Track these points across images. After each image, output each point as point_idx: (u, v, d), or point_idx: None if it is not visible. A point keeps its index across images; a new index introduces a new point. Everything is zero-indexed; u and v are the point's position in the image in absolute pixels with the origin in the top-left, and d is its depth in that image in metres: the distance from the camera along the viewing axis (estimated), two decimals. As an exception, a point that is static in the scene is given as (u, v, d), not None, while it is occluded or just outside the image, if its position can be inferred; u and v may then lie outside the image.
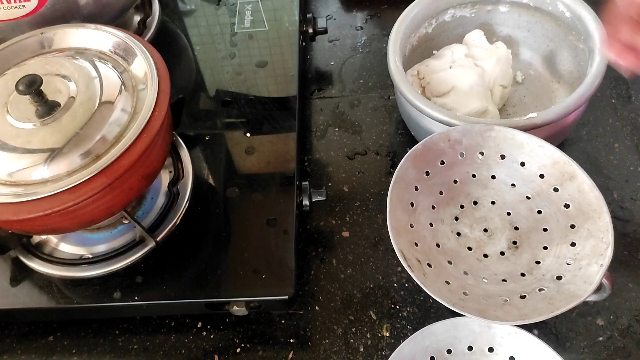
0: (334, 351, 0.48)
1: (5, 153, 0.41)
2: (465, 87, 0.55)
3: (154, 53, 0.47)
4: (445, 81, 0.56)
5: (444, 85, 0.56)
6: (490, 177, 0.50)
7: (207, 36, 0.67)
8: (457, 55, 0.58)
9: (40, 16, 0.54)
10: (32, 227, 0.44)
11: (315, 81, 0.68)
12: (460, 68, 0.56)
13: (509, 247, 0.48)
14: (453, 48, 0.59)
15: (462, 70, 0.56)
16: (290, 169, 0.54)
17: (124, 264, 0.48)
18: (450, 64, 0.57)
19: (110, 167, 0.40)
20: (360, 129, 0.63)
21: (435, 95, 0.56)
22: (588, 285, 0.40)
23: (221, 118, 0.59)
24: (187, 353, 0.49)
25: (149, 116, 0.42)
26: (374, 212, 0.56)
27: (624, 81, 0.63)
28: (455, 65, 0.57)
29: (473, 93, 0.55)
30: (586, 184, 0.45)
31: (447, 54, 0.58)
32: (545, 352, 0.42)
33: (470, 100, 0.55)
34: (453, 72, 0.56)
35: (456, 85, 0.55)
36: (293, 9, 0.67)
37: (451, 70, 0.56)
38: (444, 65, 0.57)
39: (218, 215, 0.52)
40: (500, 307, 0.42)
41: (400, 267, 0.52)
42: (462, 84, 0.55)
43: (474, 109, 0.54)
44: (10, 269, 0.50)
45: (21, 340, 0.51)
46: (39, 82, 0.42)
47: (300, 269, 0.53)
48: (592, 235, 0.43)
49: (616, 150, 0.58)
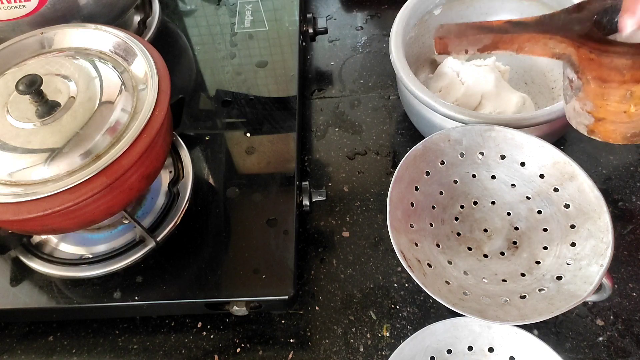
0: (334, 351, 0.48)
1: (5, 153, 0.41)
2: (492, 88, 0.54)
3: (154, 53, 0.47)
4: (471, 94, 0.55)
5: (473, 99, 0.55)
6: (490, 177, 0.50)
7: (207, 36, 0.67)
8: (457, 67, 0.57)
9: (41, 16, 0.54)
10: (32, 227, 0.44)
11: (315, 81, 0.68)
12: (472, 76, 0.55)
13: (509, 247, 0.48)
14: (448, 63, 0.58)
15: (475, 75, 0.55)
16: (290, 169, 0.54)
17: (124, 264, 0.48)
18: (458, 76, 0.57)
19: (110, 167, 0.40)
20: (361, 129, 0.63)
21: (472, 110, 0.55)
22: (588, 286, 0.40)
23: (221, 118, 0.59)
24: (187, 353, 0.49)
25: (149, 116, 0.42)
26: (374, 212, 0.56)
27: (624, 81, 0.63)
28: (465, 75, 0.56)
29: (504, 89, 0.54)
30: (586, 184, 0.45)
31: (447, 71, 0.58)
32: (545, 352, 0.42)
33: (508, 98, 0.54)
34: (469, 82, 0.55)
35: (484, 92, 0.55)
36: (293, 9, 0.67)
37: (466, 81, 0.56)
38: (455, 81, 0.56)
39: (218, 215, 0.52)
40: (500, 307, 0.42)
41: (400, 267, 0.52)
42: (487, 87, 0.54)
43: (517, 103, 0.53)
44: (10, 269, 0.50)
45: (21, 340, 0.51)
46: (39, 82, 0.42)
47: (300, 269, 0.53)
48: (592, 235, 0.43)
49: (616, 150, 0.58)
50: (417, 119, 0.57)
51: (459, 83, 0.56)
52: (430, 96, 0.50)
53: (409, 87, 0.51)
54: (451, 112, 0.49)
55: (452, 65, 0.58)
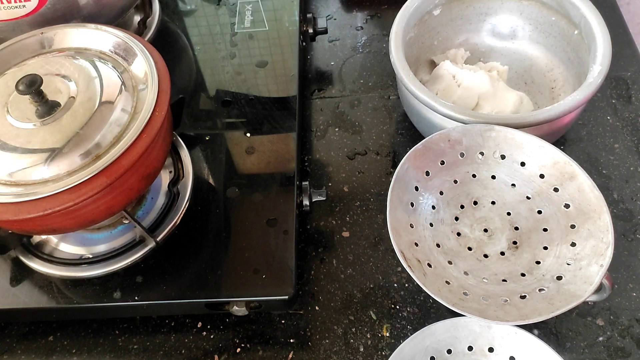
0: (334, 351, 0.48)
1: (5, 153, 0.41)
2: (489, 88, 0.54)
3: (154, 53, 0.47)
4: (468, 96, 0.55)
5: (470, 100, 0.55)
6: (491, 177, 0.50)
7: (207, 36, 0.67)
8: (453, 70, 0.57)
9: (41, 16, 0.54)
10: (32, 227, 0.44)
11: (315, 81, 0.68)
12: (467, 78, 0.55)
13: (509, 247, 0.48)
14: (445, 66, 0.58)
15: (471, 77, 0.55)
16: (290, 169, 0.54)
17: (124, 264, 0.48)
18: (454, 79, 0.57)
19: (110, 167, 0.40)
20: (361, 129, 0.63)
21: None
22: (588, 286, 0.40)
23: (221, 118, 0.59)
24: (187, 353, 0.49)
25: (149, 116, 0.42)
26: (374, 212, 0.56)
27: (624, 81, 0.63)
28: (461, 77, 0.56)
29: (501, 89, 0.55)
30: (586, 184, 0.45)
31: (443, 73, 0.58)
32: (545, 352, 0.42)
33: (505, 97, 0.54)
34: (465, 83, 0.55)
35: (480, 92, 0.55)
36: (293, 9, 0.67)
37: (462, 83, 0.56)
38: (451, 84, 0.57)
39: (218, 215, 0.52)
40: (500, 307, 0.42)
41: (400, 267, 0.52)
42: (483, 88, 0.55)
43: (515, 102, 0.54)
44: (10, 269, 0.50)
45: (21, 340, 0.51)
46: (39, 82, 0.42)
47: (300, 269, 0.53)
48: (592, 235, 0.43)
49: (616, 150, 0.58)
50: (417, 119, 0.57)
51: (455, 85, 0.56)
52: (430, 96, 0.50)
53: (409, 87, 0.51)
54: (451, 112, 0.49)
55: (449, 68, 0.58)
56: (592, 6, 0.54)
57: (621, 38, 0.66)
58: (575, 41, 0.57)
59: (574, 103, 0.48)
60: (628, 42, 0.66)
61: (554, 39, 0.60)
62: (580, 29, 0.55)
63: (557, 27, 0.59)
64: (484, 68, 0.59)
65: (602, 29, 0.52)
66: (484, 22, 0.63)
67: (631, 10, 0.87)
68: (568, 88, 0.58)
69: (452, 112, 0.49)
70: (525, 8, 0.60)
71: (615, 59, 0.61)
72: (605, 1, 0.68)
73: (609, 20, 0.55)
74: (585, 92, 0.49)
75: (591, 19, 0.53)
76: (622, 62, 0.64)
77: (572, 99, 0.48)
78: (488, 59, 0.63)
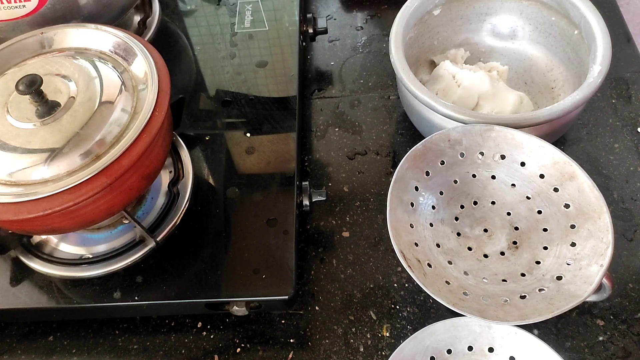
0: (334, 351, 0.48)
1: (5, 153, 0.41)
2: (489, 88, 0.54)
3: (154, 53, 0.47)
4: (468, 96, 0.55)
5: (470, 100, 0.55)
6: (490, 177, 0.50)
7: (207, 36, 0.67)
8: (453, 70, 0.57)
9: (41, 16, 0.54)
10: (32, 227, 0.44)
11: (315, 81, 0.68)
12: (467, 78, 0.55)
13: (509, 247, 0.48)
14: (444, 66, 0.58)
15: (471, 77, 0.55)
16: (290, 169, 0.54)
17: (124, 264, 0.48)
18: (454, 79, 0.57)
19: (110, 167, 0.40)
20: (361, 129, 0.63)
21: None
22: (588, 286, 0.40)
23: (221, 118, 0.59)
24: (187, 353, 0.49)
25: (149, 116, 0.42)
26: (374, 212, 0.56)
27: (624, 81, 0.63)
28: (460, 77, 0.56)
29: (500, 89, 0.55)
30: (586, 184, 0.45)
31: (443, 73, 0.58)
32: (545, 352, 0.42)
33: (505, 97, 0.54)
34: (465, 83, 0.55)
35: (480, 92, 0.55)
36: (293, 9, 0.67)
37: (462, 83, 0.56)
38: (451, 84, 0.57)
39: (218, 215, 0.52)
40: (500, 307, 0.42)
41: (400, 267, 0.52)
42: (483, 88, 0.55)
43: (514, 102, 0.54)
44: (10, 269, 0.50)
45: (21, 340, 0.51)
46: (39, 82, 0.42)
47: (300, 269, 0.53)
48: (592, 235, 0.43)
49: (616, 150, 0.58)
50: (417, 119, 0.57)
51: (455, 85, 0.56)
52: (430, 96, 0.50)
53: (409, 87, 0.51)
54: (451, 112, 0.49)
55: (448, 68, 0.58)
56: (592, 6, 0.54)
57: (621, 38, 0.66)
58: (575, 41, 0.57)
59: (574, 103, 0.48)
60: (628, 42, 0.66)
61: (554, 39, 0.60)
62: (580, 29, 0.55)
63: (557, 27, 0.59)
64: (484, 68, 0.59)
65: (602, 29, 0.52)
66: (484, 22, 0.63)
67: (631, 10, 0.88)
68: (568, 88, 0.58)
69: (452, 112, 0.49)
70: (525, 8, 0.60)
71: (615, 59, 0.61)
72: (605, 1, 0.69)
73: (609, 20, 0.55)
74: (585, 92, 0.49)
75: (591, 19, 0.53)
76: (622, 62, 0.64)
77: (572, 99, 0.48)
78: (488, 59, 0.63)
